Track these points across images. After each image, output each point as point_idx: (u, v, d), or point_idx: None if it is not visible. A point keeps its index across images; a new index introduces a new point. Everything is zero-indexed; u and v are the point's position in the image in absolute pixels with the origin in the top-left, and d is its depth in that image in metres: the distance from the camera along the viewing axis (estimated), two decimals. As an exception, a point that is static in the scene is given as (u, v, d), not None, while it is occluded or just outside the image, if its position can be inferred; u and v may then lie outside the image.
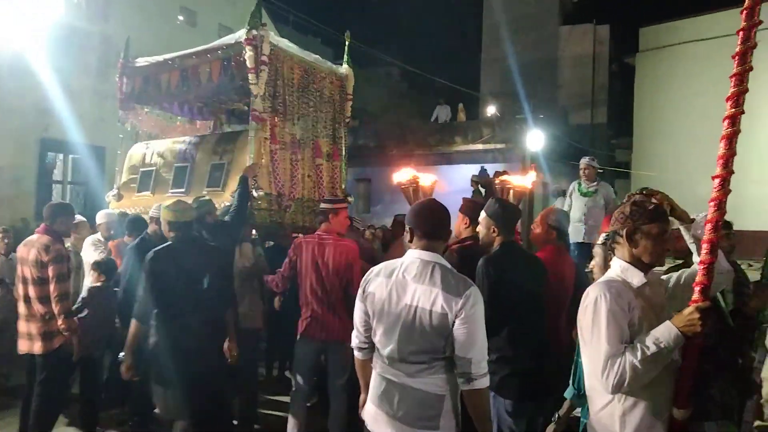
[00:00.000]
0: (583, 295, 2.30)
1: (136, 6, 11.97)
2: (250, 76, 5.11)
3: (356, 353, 2.64)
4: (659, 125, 18.99)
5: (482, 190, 7.44)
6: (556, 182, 15.18)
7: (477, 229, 3.30)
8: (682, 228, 2.46)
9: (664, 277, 2.53)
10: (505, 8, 26.55)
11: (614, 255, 2.36)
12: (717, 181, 2.14)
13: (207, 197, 4.62)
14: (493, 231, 3.19)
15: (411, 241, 2.47)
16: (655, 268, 2.35)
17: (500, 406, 2.98)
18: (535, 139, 15.85)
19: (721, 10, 17.80)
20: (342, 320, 4.15)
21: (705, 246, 2.16)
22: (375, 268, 2.52)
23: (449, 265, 2.44)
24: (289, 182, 5.57)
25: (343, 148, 6.46)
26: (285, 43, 5.63)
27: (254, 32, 5.10)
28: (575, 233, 6.76)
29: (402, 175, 4.73)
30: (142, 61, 6.23)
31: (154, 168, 6.16)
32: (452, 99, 20.24)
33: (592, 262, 3.10)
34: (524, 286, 3.06)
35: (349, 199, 6.34)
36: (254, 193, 5.04)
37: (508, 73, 23.90)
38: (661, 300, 2.33)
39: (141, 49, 6.53)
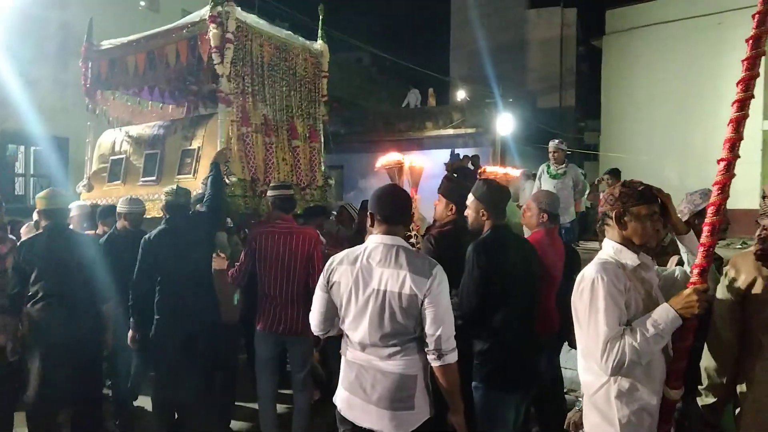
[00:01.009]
0: (578, 278, 2.27)
1: (95, -9, 11.57)
2: (215, 56, 4.85)
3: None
4: (626, 107, 19.14)
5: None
6: (525, 166, 15.32)
7: (465, 213, 3.15)
8: (677, 238, 2.43)
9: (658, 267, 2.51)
10: (472, -9, 26.52)
11: (605, 237, 2.34)
12: (722, 164, 2.13)
13: (184, 186, 4.45)
14: (483, 215, 3.04)
15: (372, 225, 2.47)
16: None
17: (489, 396, 2.91)
18: (505, 123, 15.89)
19: (686, -8, 17.98)
20: (301, 312, 3.97)
21: (706, 228, 2.15)
22: (337, 256, 2.50)
23: (411, 247, 2.45)
24: (263, 166, 5.35)
25: (321, 129, 6.20)
26: (253, 19, 5.36)
27: (219, 8, 4.85)
28: None
29: (388, 158, 4.62)
30: (106, 44, 5.94)
31: (124, 156, 5.90)
32: (422, 84, 20.20)
33: None
34: (516, 272, 2.95)
35: (330, 181, 6.18)
36: (227, 180, 4.83)
37: (476, 58, 23.92)
38: (654, 282, 2.33)
39: (102, 36, 6.21)
